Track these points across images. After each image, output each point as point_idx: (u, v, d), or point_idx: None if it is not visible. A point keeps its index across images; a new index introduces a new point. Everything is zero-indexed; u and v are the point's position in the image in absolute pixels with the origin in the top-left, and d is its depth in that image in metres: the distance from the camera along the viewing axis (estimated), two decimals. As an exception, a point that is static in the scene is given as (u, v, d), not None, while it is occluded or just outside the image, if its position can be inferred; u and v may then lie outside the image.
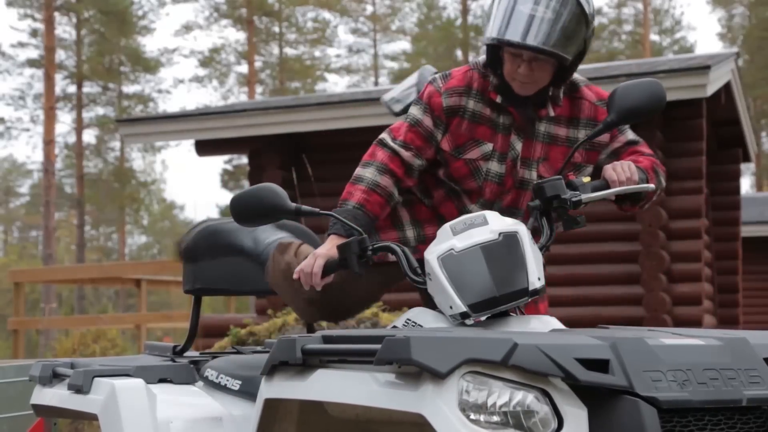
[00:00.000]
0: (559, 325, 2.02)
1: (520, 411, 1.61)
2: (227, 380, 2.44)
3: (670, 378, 1.66)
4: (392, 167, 2.35)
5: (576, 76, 2.40)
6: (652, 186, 2.22)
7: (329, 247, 2.26)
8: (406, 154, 2.36)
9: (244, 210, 2.18)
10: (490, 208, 2.37)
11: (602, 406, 1.65)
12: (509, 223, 2.05)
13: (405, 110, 2.99)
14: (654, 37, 29.92)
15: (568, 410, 1.63)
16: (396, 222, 2.48)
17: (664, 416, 1.65)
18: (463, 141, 2.36)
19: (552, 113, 2.35)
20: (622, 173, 2.22)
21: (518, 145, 2.35)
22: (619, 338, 1.71)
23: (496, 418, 1.61)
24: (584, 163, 2.39)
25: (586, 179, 2.20)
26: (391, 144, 2.37)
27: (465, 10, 28.23)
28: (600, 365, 1.65)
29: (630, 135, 2.44)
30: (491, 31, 2.24)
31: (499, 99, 2.34)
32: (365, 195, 2.30)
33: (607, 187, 2.21)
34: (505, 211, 2.35)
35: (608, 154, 2.41)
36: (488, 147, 2.35)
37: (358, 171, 2.35)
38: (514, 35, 2.20)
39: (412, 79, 3.15)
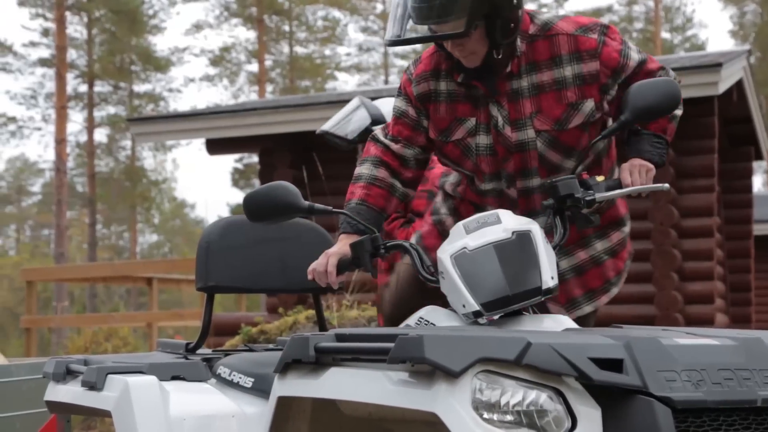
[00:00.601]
0: (573, 324, 2.02)
1: (533, 410, 1.61)
2: (240, 377, 2.44)
3: (684, 378, 1.66)
4: (386, 159, 2.39)
5: (549, 15, 2.32)
6: (666, 186, 2.21)
7: (341, 246, 2.27)
8: (396, 147, 2.39)
9: (258, 208, 2.19)
10: (498, 180, 2.37)
11: (616, 406, 1.64)
12: (523, 222, 2.05)
13: (362, 135, 3.09)
14: (665, 34, 29.79)
15: (582, 410, 1.62)
16: (446, 236, 2.50)
17: (678, 416, 1.64)
18: (447, 124, 2.36)
19: (511, 69, 2.28)
20: (638, 180, 2.20)
21: (495, 111, 2.31)
22: (633, 338, 1.71)
23: (509, 418, 1.60)
24: (580, 100, 2.29)
25: (600, 178, 2.19)
26: (382, 139, 2.42)
27: (475, 8, 28.15)
28: (614, 365, 1.65)
29: (634, 56, 2.32)
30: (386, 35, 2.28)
31: (460, 78, 2.33)
32: (365, 190, 2.34)
33: (621, 186, 2.20)
34: (517, 176, 2.35)
35: (621, 83, 2.31)
36: (471, 122, 2.34)
37: (357, 170, 2.41)
38: (393, 35, 2.22)
39: (350, 107, 3.24)
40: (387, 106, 3.23)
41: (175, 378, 2.46)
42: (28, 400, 4.87)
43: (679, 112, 2.36)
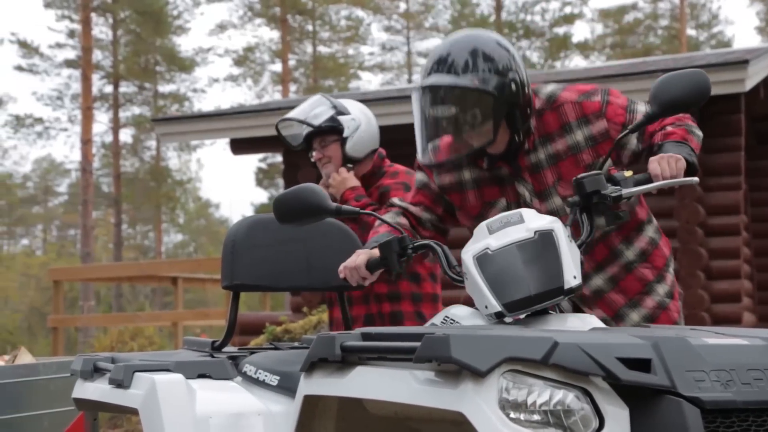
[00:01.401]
0: (600, 324, 2.01)
1: (560, 410, 1.60)
2: (266, 376, 2.45)
3: (713, 378, 1.65)
4: (407, 214, 2.48)
5: (551, 87, 2.40)
6: (696, 179, 2.19)
7: (370, 248, 2.31)
8: (414, 209, 2.48)
9: (287, 210, 2.23)
10: None
11: (644, 406, 1.63)
12: (546, 221, 2.03)
13: (326, 123, 3.13)
14: (691, 31, 29.50)
15: (610, 410, 1.62)
16: None
17: (707, 417, 1.63)
18: (479, 210, 2.42)
19: (527, 146, 2.36)
20: (667, 169, 2.17)
21: (521, 189, 2.38)
22: (661, 337, 1.70)
23: (536, 417, 1.60)
24: (596, 159, 2.34)
25: (628, 173, 2.17)
26: (400, 203, 2.51)
27: (499, 7, 28.09)
28: (642, 365, 1.64)
29: (640, 108, 2.37)
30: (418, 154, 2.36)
31: (485, 164, 2.39)
32: (391, 228, 2.39)
33: (650, 180, 2.18)
34: None
35: (636, 133, 2.32)
36: (502, 202, 2.40)
37: (377, 222, 2.45)
38: (426, 158, 2.31)
39: (310, 100, 3.29)
40: (348, 105, 3.30)
41: (201, 376, 2.48)
42: (55, 399, 4.91)
43: (699, 132, 2.35)
